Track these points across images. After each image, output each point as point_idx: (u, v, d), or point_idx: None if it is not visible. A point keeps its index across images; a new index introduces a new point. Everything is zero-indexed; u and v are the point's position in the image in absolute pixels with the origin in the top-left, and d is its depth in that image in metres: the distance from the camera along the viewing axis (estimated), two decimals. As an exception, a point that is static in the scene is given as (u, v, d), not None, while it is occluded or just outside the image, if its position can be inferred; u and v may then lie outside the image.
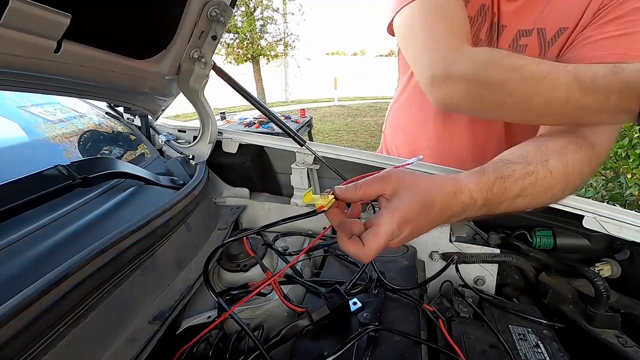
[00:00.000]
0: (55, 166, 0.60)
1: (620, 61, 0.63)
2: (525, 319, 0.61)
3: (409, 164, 0.62)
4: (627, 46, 0.64)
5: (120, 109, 1.02)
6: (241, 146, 0.96)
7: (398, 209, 0.44)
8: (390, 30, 0.82)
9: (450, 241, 0.78)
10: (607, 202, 2.13)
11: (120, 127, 1.00)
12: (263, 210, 0.93)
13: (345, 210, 0.51)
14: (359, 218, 0.49)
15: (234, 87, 0.87)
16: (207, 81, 0.84)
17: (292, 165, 0.89)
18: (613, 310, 0.63)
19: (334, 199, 0.47)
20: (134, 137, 0.99)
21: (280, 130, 0.91)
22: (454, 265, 0.71)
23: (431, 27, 0.73)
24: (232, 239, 0.55)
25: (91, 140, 0.90)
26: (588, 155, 0.59)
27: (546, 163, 0.55)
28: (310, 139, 5.01)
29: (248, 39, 9.14)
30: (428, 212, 0.46)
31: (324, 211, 0.47)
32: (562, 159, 0.57)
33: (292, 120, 4.71)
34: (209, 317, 0.58)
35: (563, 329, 0.61)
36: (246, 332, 0.50)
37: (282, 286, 0.62)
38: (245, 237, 0.70)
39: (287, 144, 0.93)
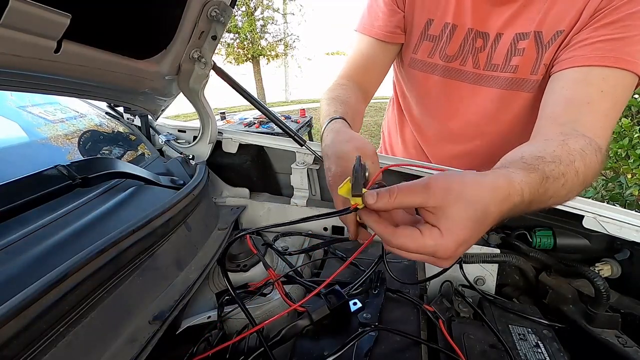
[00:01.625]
0: (55, 166, 0.60)
1: (613, 65, 0.66)
2: (526, 319, 0.61)
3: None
4: (621, 50, 0.66)
5: (120, 109, 1.02)
6: (241, 146, 0.96)
7: (451, 233, 0.39)
8: None
9: (450, 241, 0.78)
10: (607, 202, 2.13)
11: (120, 127, 1.00)
12: (263, 210, 0.93)
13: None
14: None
15: (234, 87, 0.87)
16: (207, 81, 0.84)
17: (292, 165, 0.89)
18: (613, 310, 0.63)
19: None
20: (134, 137, 0.99)
21: (280, 130, 0.91)
22: (458, 264, 0.71)
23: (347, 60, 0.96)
24: (266, 226, 0.53)
25: (91, 140, 0.90)
26: (601, 158, 0.60)
27: (573, 164, 0.54)
28: (310, 139, 5.01)
29: (248, 39, 9.14)
30: (482, 226, 0.42)
31: (357, 209, 0.42)
32: (584, 160, 0.56)
33: (292, 120, 4.71)
34: (209, 317, 0.58)
35: (563, 329, 0.61)
36: (259, 336, 0.50)
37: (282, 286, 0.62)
38: (248, 236, 0.70)
39: (287, 144, 0.93)
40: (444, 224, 0.39)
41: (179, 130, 1.02)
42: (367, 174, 0.47)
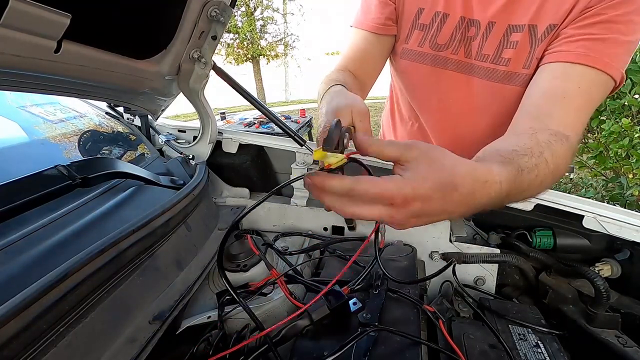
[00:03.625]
0: (55, 166, 0.60)
1: (592, 64, 0.68)
2: (526, 322, 0.61)
3: None
4: (602, 51, 0.68)
5: (120, 109, 1.02)
6: (241, 146, 0.96)
7: (410, 180, 0.39)
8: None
9: (451, 241, 0.78)
10: (607, 202, 2.13)
11: (120, 127, 1.00)
12: (263, 210, 0.93)
13: None
14: None
15: (234, 87, 0.87)
16: (207, 81, 0.84)
17: (292, 165, 0.89)
18: (613, 310, 0.63)
19: (345, 160, 0.42)
20: (134, 137, 0.99)
21: (280, 130, 0.91)
22: (451, 268, 0.71)
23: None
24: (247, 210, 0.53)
25: (91, 140, 0.90)
26: (567, 146, 0.63)
27: (543, 155, 0.56)
28: (310, 139, 5.01)
29: (248, 39, 9.15)
30: (446, 194, 0.40)
31: (331, 169, 0.42)
32: (550, 150, 0.58)
33: (292, 120, 4.71)
34: (209, 317, 0.58)
35: (563, 328, 0.61)
36: (268, 341, 0.50)
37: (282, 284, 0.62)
38: (249, 236, 0.70)
39: (287, 144, 0.93)
40: (408, 173, 0.39)
41: (179, 130, 1.02)
42: (346, 140, 0.46)
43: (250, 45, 9.23)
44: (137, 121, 1.03)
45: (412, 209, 0.39)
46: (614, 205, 0.81)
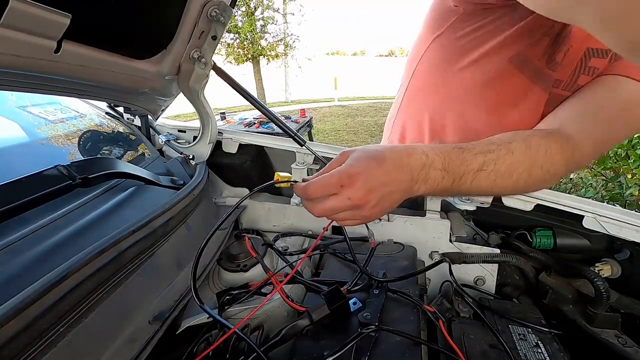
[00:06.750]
0: (56, 166, 0.60)
1: None
2: (526, 322, 0.61)
3: None
4: None
5: (120, 109, 1.02)
6: (241, 146, 0.96)
7: (346, 164, 0.48)
8: None
9: (451, 241, 0.78)
10: (607, 202, 2.13)
11: (120, 127, 1.00)
12: (263, 210, 0.93)
13: None
14: None
15: (234, 87, 0.87)
16: (207, 81, 0.84)
17: (292, 165, 0.89)
18: (613, 310, 0.63)
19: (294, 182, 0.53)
20: (134, 137, 0.99)
21: (280, 130, 0.91)
22: (448, 266, 0.71)
23: None
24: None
25: (91, 140, 0.90)
26: (559, 143, 0.59)
27: (509, 144, 0.56)
28: (310, 139, 5.01)
29: (248, 39, 9.15)
30: (379, 164, 0.47)
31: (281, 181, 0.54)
32: (525, 142, 0.57)
33: (292, 120, 4.71)
34: (208, 317, 0.58)
35: (563, 328, 0.61)
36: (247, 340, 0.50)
37: (282, 286, 0.62)
38: (247, 237, 0.70)
39: (287, 144, 0.93)
40: (345, 163, 0.49)
41: (179, 130, 1.02)
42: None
43: (250, 45, 9.23)
44: (137, 121, 1.03)
45: (360, 185, 0.46)
46: (614, 205, 0.81)
